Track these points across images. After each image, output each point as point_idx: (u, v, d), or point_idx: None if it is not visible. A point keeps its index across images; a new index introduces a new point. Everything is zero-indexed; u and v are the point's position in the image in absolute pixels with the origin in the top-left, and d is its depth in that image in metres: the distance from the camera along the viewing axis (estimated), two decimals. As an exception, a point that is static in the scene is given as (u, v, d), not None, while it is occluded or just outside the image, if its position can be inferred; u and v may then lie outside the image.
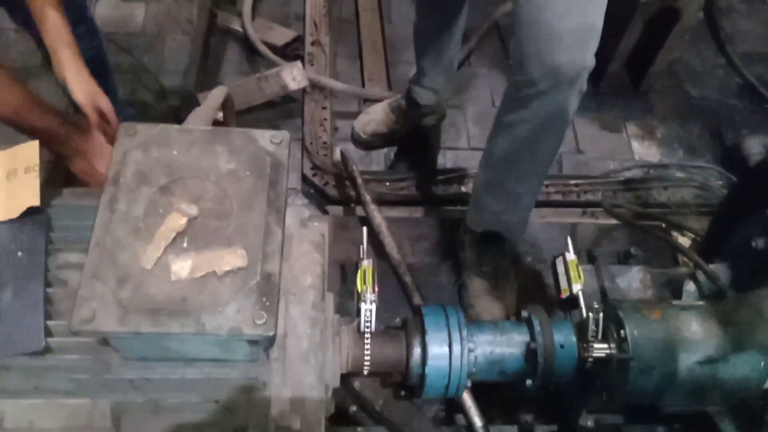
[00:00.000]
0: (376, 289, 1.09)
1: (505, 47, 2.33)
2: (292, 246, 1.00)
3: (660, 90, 2.29)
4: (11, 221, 0.89)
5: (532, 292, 1.58)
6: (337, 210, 1.92)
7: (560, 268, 1.23)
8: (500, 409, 1.50)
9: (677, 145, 2.20)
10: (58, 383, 0.83)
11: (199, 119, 0.98)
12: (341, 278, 1.60)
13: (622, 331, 1.11)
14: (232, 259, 0.76)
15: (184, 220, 0.80)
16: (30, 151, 0.98)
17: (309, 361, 0.93)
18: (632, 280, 1.65)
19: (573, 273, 1.20)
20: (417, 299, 1.41)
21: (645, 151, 2.17)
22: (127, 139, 0.88)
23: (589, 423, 1.47)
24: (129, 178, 0.84)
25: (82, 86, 1.14)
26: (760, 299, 1.09)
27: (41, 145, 0.95)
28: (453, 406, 1.44)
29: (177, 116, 1.88)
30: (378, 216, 1.66)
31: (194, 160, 0.87)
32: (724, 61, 2.40)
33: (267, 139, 0.89)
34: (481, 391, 1.38)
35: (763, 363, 1.09)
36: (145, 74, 2.06)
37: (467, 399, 1.32)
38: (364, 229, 1.17)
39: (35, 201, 0.90)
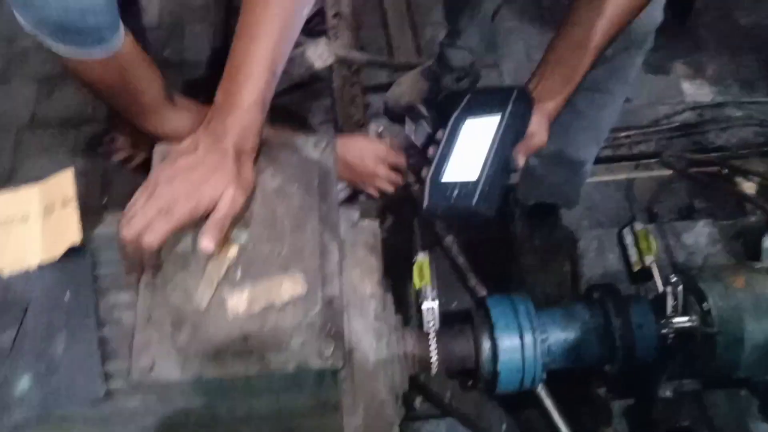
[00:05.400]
0: (436, 284, 1.04)
1: (537, -4, 2.20)
2: (346, 253, 0.94)
3: (708, 23, 2.14)
4: (54, 262, 0.85)
5: (591, 265, 1.50)
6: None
7: (628, 240, 1.16)
8: (570, 383, 1.45)
9: (731, 81, 2.06)
10: (123, 428, 0.80)
11: None
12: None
13: (704, 304, 1.04)
14: (291, 286, 0.71)
15: (234, 249, 0.74)
16: (65, 181, 0.93)
17: (378, 376, 0.89)
18: (699, 236, 1.55)
19: (643, 244, 1.13)
20: (480, 289, 1.34)
21: (696, 91, 2.04)
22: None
23: (668, 393, 1.40)
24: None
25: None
26: None
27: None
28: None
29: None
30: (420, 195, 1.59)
31: (238, 181, 0.81)
32: (773, -19, 2.23)
33: (310, 145, 0.83)
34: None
35: None
36: (169, 70, 2.01)
37: (542, 393, 1.26)
38: (416, 221, 1.11)
39: (77, 237, 0.86)
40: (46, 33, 0.85)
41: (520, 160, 0.92)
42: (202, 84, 1.98)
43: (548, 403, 1.17)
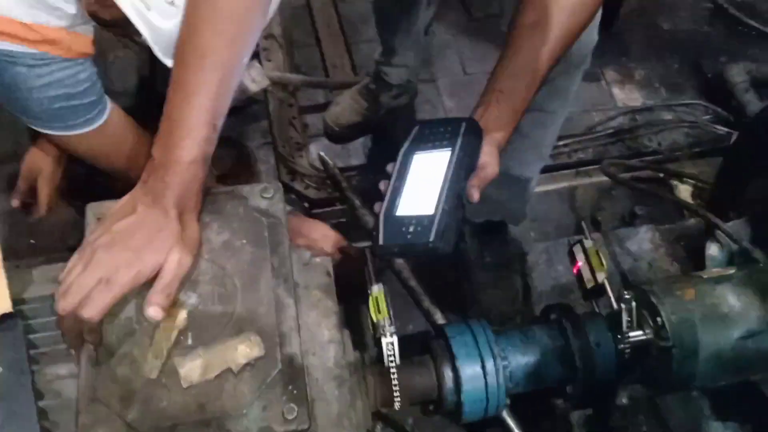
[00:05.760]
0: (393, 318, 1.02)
1: (468, 9, 2.21)
2: (300, 297, 0.91)
3: (632, 29, 2.20)
4: (-18, 335, 0.78)
5: (542, 278, 1.51)
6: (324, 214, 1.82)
7: (579, 257, 1.16)
8: (528, 396, 1.46)
9: (658, 84, 2.12)
10: None
11: None
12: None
13: (658, 319, 1.05)
14: (248, 348, 0.67)
15: (183, 314, 0.70)
16: (-13, 246, 0.86)
17: (343, 425, 0.86)
18: (642, 242, 1.59)
19: (595, 261, 1.13)
20: (434, 311, 1.33)
21: (627, 96, 2.10)
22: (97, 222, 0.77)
23: (624, 400, 1.42)
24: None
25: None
26: (798, 263, 1.03)
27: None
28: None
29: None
30: (370, 220, 1.57)
31: (181, 238, 0.76)
32: (691, -14, 2.32)
33: (257, 194, 0.79)
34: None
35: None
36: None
37: (506, 416, 1.25)
38: (367, 251, 1.08)
39: (6, 306, 0.79)
40: (35, 124, 0.87)
41: (475, 194, 0.90)
42: (131, 113, 1.89)
43: (512, 425, 1.16)
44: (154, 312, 0.67)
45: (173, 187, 0.73)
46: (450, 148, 0.91)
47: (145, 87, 1.92)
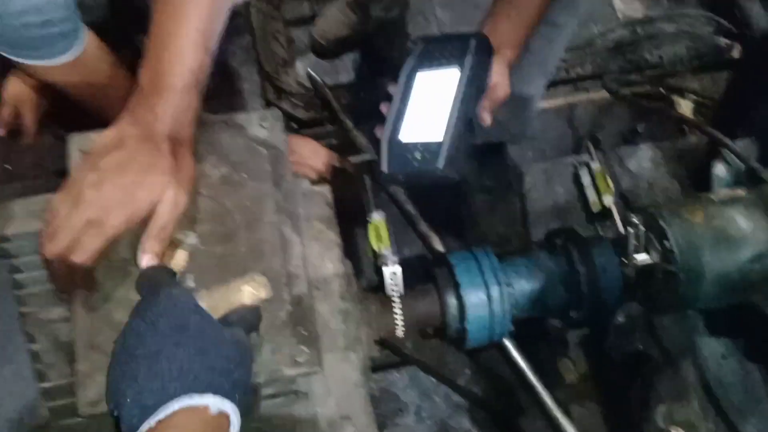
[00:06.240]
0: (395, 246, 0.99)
1: None
2: (301, 230, 0.87)
3: (634, -68, 2.08)
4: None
5: (541, 199, 1.48)
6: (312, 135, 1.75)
7: (585, 180, 1.13)
8: (525, 319, 1.46)
9: (660, -5, 2.03)
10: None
11: None
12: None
13: (666, 242, 1.03)
14: (254, 290, 0.63)
15: (183, 254, 0.65)
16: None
17: (350, 359, 0.84)
18: (642, 160, 1.55)
19: (602, 184, 1.10)
20: (438, 245, 1.29)
21: (627, 6, 2.00)
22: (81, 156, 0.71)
23: (620, 319, 1.43)
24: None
25: None
26: (810, 184, 1.00)
27: None
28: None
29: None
30: (364, 142, 1.51)
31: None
32: None
33: (255, 123, 0.73)
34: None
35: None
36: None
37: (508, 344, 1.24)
38: (366, 177, 1.04)
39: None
40: (7, 51, 0.79)
41: (487, 118, 0.85)
42: (104, 29, 1.77)
43: (515, 354, 1.16)
44: (148, 261, 0.62)
45: (165, 119, 0.66)
46: (458, 67, 0.85)
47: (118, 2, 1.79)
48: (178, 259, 0.65)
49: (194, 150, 0.68)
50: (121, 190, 0.63)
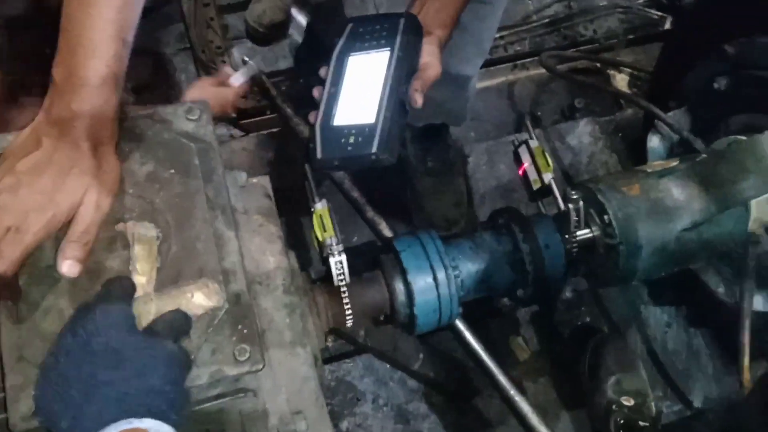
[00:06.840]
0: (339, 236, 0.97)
1: None
2: (240, 223, 0.84)
3: None
4: None
5: (485, 178, 1.48)
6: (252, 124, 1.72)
7: (525, 158, 1.13)
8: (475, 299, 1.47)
9: (593, -33, 2.05)
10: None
11: None
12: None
13: (605, 216, 1.05)
14: (206, 296, 0.61)
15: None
16: None
17: (297, 353, 0.82)
18: (581, 136, 1.58)
19: (541, 161, 1.10)
20: (386, 230, 1.28)
21: (562, -19, 2.02)
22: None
23: (568, 294, 1.46)
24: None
25: None
26: (739, 153, 1.03)
27: None
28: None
29: None
30: (305, 130, 1.48)
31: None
32: None
33: (181, 116, 0.70)
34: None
35: (746, 215, 1.06)
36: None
37: (460, 326, 1.25)
38: (306, 166, 1.02)
39: None
40: None
41: (418, 98, 0.84)
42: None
43: (467, 335, 1.17)
44: (69, 268, 0.59)
45: (83, 116, 0.62)
46: (388, 48, 0.83)
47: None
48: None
49: (118, 147, 0.65)
50: (39, 194, 0.59)
